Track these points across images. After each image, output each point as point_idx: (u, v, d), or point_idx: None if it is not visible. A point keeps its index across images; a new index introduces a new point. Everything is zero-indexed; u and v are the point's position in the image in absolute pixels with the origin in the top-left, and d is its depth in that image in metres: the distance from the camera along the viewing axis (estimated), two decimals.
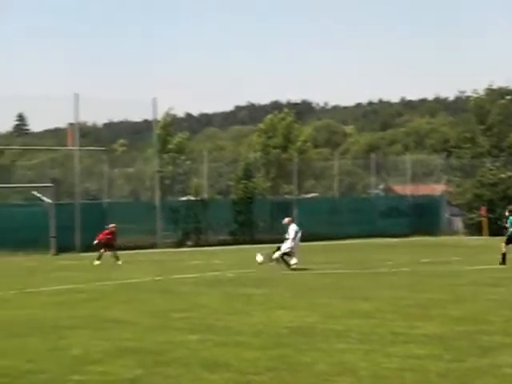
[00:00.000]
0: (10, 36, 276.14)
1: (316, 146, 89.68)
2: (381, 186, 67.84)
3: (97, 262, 32.44)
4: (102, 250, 33.60)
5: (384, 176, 67.78)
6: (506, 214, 29.22)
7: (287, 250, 27.94)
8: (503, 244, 28.25)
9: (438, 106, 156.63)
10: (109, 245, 33.72)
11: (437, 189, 59.53)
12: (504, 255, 27.68)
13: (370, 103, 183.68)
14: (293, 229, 28.34)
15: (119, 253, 33.41)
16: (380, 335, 13.09)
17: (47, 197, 41.91)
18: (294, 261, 27.65)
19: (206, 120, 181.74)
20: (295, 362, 10.96)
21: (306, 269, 27.38)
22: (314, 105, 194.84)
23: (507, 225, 28.72)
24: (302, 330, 13.83)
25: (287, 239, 28.11)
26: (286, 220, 29.31)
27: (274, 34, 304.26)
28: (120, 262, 32.48)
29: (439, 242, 46.63)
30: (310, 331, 13.67)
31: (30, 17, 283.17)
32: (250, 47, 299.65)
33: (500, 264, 27.53)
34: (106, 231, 34.41)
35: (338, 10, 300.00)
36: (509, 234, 28.36)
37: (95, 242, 34.36)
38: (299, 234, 28.39)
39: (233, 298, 19.20)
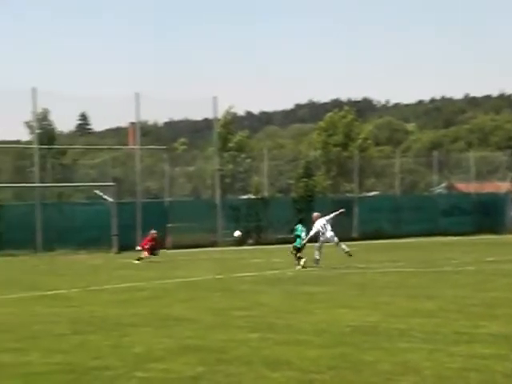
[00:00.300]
0: (73, 37, 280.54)
1: (377, 144, 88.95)
2: (443, 184, 66.97)
3: (136, 262, 32.85)
4: (145, 253, 33.93)
5: (447, 174, 66.90)
6: None
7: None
8: None
9: (502, 102, 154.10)
10: (152, 250, 34.21)
11: (502, 186, 58.47)
12: None
13: (433, 100, 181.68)
14: (316, 226, 28.42)
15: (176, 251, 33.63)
16: (443, 334, 12.87)
17: (109, 196, 42.38)
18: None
19: (266, 118, 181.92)
20: (357, 361, 10.84)
21: (367, 267, 27.18)
22: (374, 102, 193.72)
23: None
24: (364, 328, 13.69)
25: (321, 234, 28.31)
26: (315, 215, 29.27)
27: (334, 33, 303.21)
28: (137, 262, 32.71)
29: (504, 240, 45.81)
30: (373, 330, 13.52)
31: (92, 18, 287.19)
32: (311, 46, 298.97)
33: None
34: (148, 238, 34.78)
35: (397, 7, 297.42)
36: None
37: (138, 248, 34.69)
38: (323, 232, 28.37)
39: (293, 297, 19.13)
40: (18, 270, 29.81)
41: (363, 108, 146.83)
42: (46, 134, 56.64)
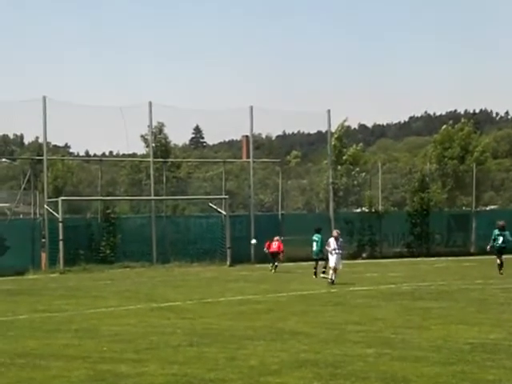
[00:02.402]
0: (187, 52, 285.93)
1: (496, 157, 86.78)
2: None
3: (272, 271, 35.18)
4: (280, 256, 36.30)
5: None
6: None
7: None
8: None
9: None
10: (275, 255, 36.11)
11: None
12: None
13: None
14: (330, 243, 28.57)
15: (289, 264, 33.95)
16: None
17: (222, 208, 42.75)
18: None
19: (379, 131, 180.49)
20: (478, 379, 10.53)
21: (486, 283, 26.46)
22: (493, 114, 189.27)
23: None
24: (485, 346, 13.29)
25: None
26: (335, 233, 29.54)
27: (450, 44, 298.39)
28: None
29: None
30: (495, 348, 13.11)
31: (196, 37, 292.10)
32: (427, 57, 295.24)
33: None
34: (279, 243, 36.45)
35: None
36: None
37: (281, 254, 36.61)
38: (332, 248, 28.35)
39: (410, 312, 18.77)
40: (135, 282, 30.38)
41: (481, 120, 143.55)
42: (161, 147, 57.77)
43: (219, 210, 42.85)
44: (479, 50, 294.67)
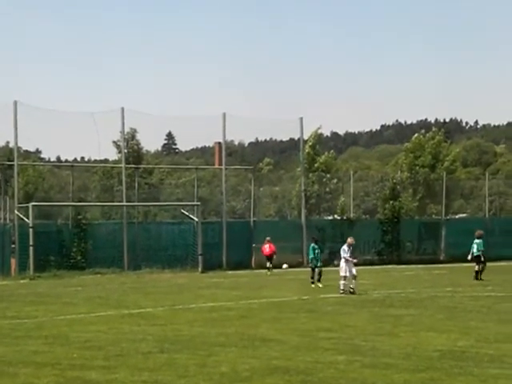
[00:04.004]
0: (160, 58, 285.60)
1: (465, 166, 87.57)
2: None
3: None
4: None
5: None
6: None
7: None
8: None
9: None
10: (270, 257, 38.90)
11: None
12: None
13: None
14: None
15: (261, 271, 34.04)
16: None
17: (194, 215, 42.68)
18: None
19: (351, 139, 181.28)
20: None
21: (455, 291, 26.66)
22: (463, 124, 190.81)
23: None
24: (453, 353, 13.41)
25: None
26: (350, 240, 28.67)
27: (422, 54, 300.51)
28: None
29: None
30: (463, 355, 13.23)
31: (170, 43, 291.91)
32: (397, 67, 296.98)
33: None
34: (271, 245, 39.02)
35: (485, 26, 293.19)
36: None
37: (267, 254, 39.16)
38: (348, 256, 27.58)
39: (380, 319, 18.88)
40: (106, 288, 30.22)
41: (451, 129, 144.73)
42: (133, 153, 57.64)
43: (191, 216, 42.78)
44: (451, 60, 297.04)
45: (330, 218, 51.86)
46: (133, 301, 24.54)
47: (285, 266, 41.55)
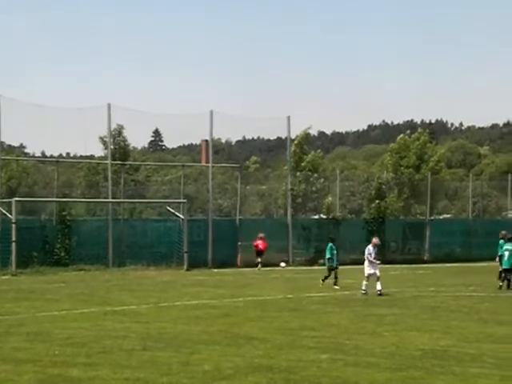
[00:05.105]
0: (148, 55, 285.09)
1: (450, 167, 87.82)
2: None
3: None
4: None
5: None
6: None
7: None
8: None
9: None
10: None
11: None
12: None
13: (507, 124, 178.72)
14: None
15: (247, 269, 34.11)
16: None
17: (180, 212, 42.60)
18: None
19: (338, 138, 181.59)
20: None
21: (438, 291, 26.77)
22: (448, 125, 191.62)
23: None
24: (435, 352, 13.49)
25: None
26: (375, 240, 27.80)
27: (409, 54, 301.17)
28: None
29: None
30: (444, 354, 13.32)
31: (157, 40, 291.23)
32: (386, 66, 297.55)
33: None
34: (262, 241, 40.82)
35: (474, 30, 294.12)
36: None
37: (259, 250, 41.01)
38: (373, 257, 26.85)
39: (363, 318, 18.95)
40: (89, 285, 30.13)
41: (437, 130, 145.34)
42: (119, 149, 57.42)
43: (177, 213, 42.68)
44: (437, 61, 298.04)
45: (316, 217, 51.90)
46: (117, 298, 24.49)
47: (283, 264, 41.78)
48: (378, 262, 26.90)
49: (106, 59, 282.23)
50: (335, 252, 29.68)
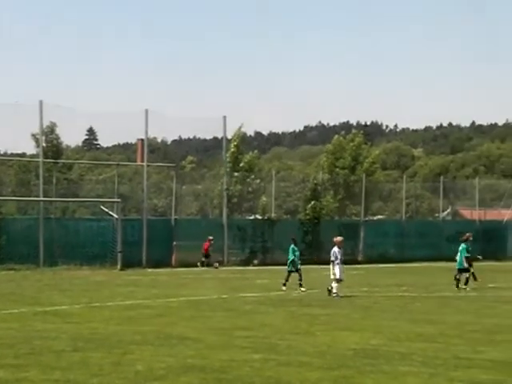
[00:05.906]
0: (84, 51, 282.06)
1: (384, 169, 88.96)
2: (448, 210, 66.72)
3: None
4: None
5: (452, 200, 66.75)
6: None
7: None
8: None
9: (508, 131, 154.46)
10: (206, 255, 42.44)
11: (504, 214, 58.12)
12: None
13: (440, 127, 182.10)
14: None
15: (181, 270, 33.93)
16: (444, 359, 12.88)
17: (115, 212, 42.23)
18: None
19: (275, 139, 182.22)
20: None
21: (371, 291, 27.05)
22: (383, 127, 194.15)
23: None
24: (366, 351, 13.62)
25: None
26: (339, 239, 27.50)
27: (346, 56, 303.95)
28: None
29: (506, 267, 45.50)
30: (374, 353, 13.46)
31: (102, 34, 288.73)
32: (322, 68, 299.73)
33: None
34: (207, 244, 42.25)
35: (409, 33, 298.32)
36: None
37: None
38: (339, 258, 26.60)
39: (296, 318, 19.05)
40: (20, 285, 29.65)
41: (372, 132, 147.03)
42: (52, 147, 56.55)
43: (111, 213, 42.30)
44: (373, 62, 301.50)
45: (252, 217, 52.00)
46: (48, 298, 24.15)
47: (216, 264, 42.42)
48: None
49: (39, 56, 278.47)
50: (298, 254, 28.88)
